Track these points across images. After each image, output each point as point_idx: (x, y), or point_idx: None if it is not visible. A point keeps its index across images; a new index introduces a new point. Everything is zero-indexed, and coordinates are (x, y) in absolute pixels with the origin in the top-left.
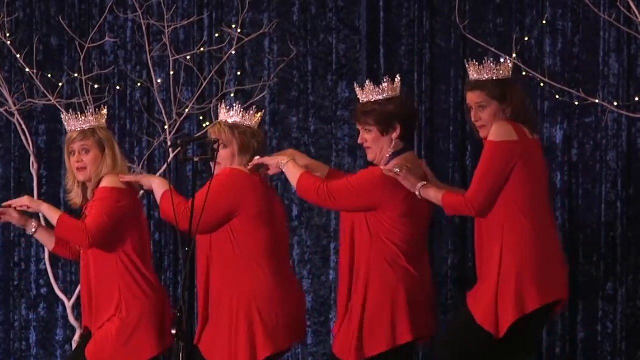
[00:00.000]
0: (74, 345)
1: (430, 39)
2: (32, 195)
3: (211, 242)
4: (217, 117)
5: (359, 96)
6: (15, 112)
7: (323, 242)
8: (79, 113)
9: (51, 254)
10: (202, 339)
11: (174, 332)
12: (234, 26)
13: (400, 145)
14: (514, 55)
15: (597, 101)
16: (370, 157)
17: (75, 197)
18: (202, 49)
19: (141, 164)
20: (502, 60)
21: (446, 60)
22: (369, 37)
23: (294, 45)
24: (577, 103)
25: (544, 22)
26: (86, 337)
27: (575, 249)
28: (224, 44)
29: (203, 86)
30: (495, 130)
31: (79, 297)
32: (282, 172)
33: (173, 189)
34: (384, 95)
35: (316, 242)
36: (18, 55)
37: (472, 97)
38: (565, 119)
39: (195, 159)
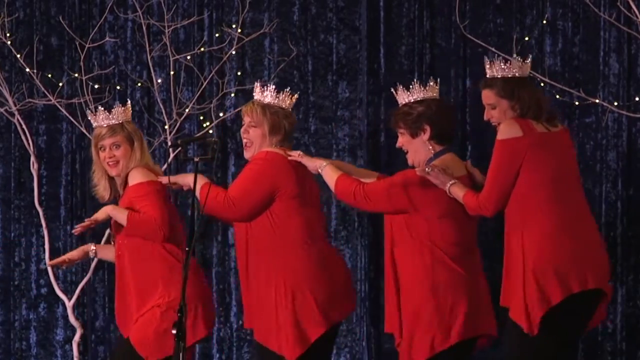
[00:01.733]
0: (74, 346)
1: (431, 39)
2: (32, 195)
3: (248, 229)
4: (217, 117)
5: (397, 99)
6: (16, 112)
7: None
8: (105, 109)
9: (52, 254)
10: (255, 326)
11: (174, 332)
12: (234, 26)
13: (438, 147)
14: (514, 55)
15: (597, 101)
16: (409, 161)
17: (102, 190)
18: (202, 49)
19: None
20: (519, 59)
21: (446, 61)
22: (369, 37)
23: (294, 45)
24: (577, 103)
25: (544, 22)
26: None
27: None
28: (224, 44)
29: (203, 86)
30: (501, 130)
31: (79, 297)
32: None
33: (211, 182)
34: (415, 98)
35: None
36: (18, 55)
37: (483, 96)
38: (565, 118)
39: (196, 159)
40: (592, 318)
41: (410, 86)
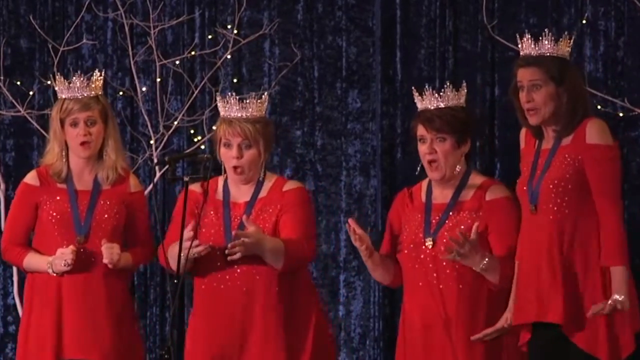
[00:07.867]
0: None
1: (454, 41)
2: None
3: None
4: (209, 130)
5: (424, 104)
6: None
7: (331, 273)
8: (75, 79)
9: (20, 287)
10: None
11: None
12: (229, 26)
13: (464, 166)
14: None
15: None
16: (437, 175)
17: (55, 173)
18: (192, 53)
19: None
20: (562, 38)
21: (472, 66)
22: (384, 39)
23: (298, 49)
24: (621, 114)
25: (584, 21)
26: None
27: None
28: (218, 47)
29: (194, 95)
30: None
31: None
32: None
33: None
34: (448, 103)
35: (323, 274)
36: None
37: (525, 74)
38: None
39: (186, 179)
40: None
41: (442, 90)
